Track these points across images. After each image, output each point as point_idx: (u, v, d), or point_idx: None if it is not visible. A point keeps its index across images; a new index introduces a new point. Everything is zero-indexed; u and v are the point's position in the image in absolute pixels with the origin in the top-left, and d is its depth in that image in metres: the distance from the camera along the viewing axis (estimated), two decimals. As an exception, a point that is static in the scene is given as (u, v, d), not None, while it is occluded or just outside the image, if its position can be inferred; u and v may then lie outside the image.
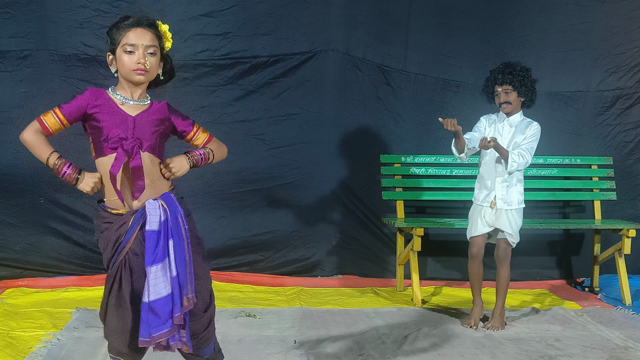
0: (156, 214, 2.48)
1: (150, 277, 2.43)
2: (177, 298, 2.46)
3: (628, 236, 4.98)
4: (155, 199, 2.52)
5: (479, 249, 4.23)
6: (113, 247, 2.49)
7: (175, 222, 2.50)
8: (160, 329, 2.44)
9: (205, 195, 5.27)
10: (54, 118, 2.50)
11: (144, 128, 2.52)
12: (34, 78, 5.07)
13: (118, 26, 2.53)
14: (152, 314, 2.43)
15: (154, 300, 2.43)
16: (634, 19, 5.78)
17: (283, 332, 3.99)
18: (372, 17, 5.52)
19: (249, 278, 5.32)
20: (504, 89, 4.16)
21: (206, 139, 2.72)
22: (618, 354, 3.80)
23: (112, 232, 2.49)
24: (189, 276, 2.51)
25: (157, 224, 2.47)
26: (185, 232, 2.54)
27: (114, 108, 2.50)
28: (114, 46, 2.53)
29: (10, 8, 5.01)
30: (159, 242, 2.46)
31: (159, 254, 2.45)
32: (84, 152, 2.60)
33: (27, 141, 2.50)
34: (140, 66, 2.48)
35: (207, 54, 5.27)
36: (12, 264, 5.08)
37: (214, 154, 2.70)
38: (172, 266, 2.46)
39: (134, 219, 2.49)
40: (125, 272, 2.49)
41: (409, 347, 3.80)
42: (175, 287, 2.46)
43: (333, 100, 5.50)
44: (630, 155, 5.86)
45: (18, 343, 3.63)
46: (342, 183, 5.54)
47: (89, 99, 2.49)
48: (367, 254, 5.62)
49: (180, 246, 2.50)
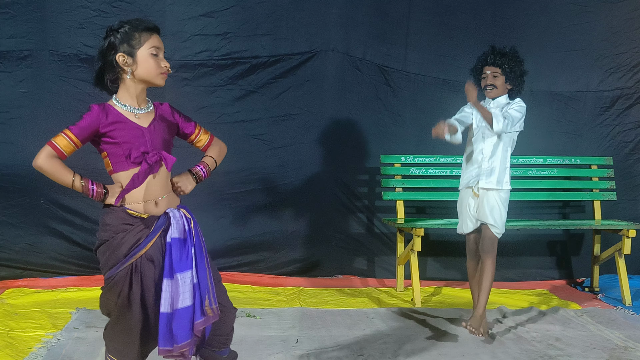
0: (180, 222, 2.48)
1: (180, 284, 2.42)
2: (198, 306, 2.46)
3: (628, 236, 4.98)
4: (175, 208, 2.53)
5: (475, 244, 4.14)
6: (128, 250, 2.44)
7: (197, 233, 2.53)
8: (185, 338, 2.44)
9: (205, 196, 5.26)
10: (65, 140, 2.40)
11: (158, 138, 2.52)
12: (34, 78, 5.07)
13: (139, 27, 2.46)
14: (177, 322, 2.41)
15: (181, 309, 2.42)
16: (634, 19, 5.79)
17: (284, 333, 3.99)
18: (372, 17, 5.52)
19: (248, 278, 5.32)
20: (492, 71, 4.00)
21: (207, 141, 2.72)
22: (618, 354, 3.80)
23: (131, 235, 2.45)
24: (210, 284, 2.51)
25: (183, 232, 2.47)
26: (203, 243, 2.55)
27: (129, 123, 2.47)
28: (132, 48, 2.45)
29: (10, 8, 5.01)
30: (185, 250, 2.46)
31: (186, 262, 2.45)
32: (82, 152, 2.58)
33: (42, 168, 2.39)
34: (166, 69, 2.50)
35: (207, 54, 5.27)
36: (12, 264, 5.08)
37: (217, 160, 2.71)
38: (193, 275, 2.47)
39: (157, 224, 2.47)
40: (136, 276, 2.45)
41: (410, 347, 3.80)
42: (197, 295, 2.46)
43: (333, 100, 5.50)
44: (630, 156, 5.86)
45: (18, 343, 3.63)
46: (342, 183, 5.54)
47: (99, 117, 2.42)
48: (367, 254, 5.62)
49: (201, 255, 2.51)
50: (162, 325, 2.42)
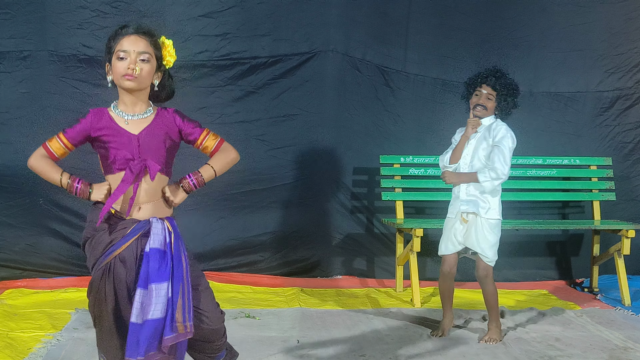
0: (161, 233, 2.47)
1: (153, 295, 2.41)
2: (169, 322, 2.44)
3: (627, 237, 4.97)
4: (160, 218, 2.51)
5: (451, 267, 4.01)
6: (103, 249, 2.47)
7: (177, 247, 2.50)
8: (151, 350, 2.43)
9: (204, 196, 5.26)
10: (58, 143, 2.52)
11: (150, 145, 2.51)
12: (33, 79, 5.07)
13: (114, 35, 2.53)
14: (146, 332, 2.40)
15: (150, 320, 2.40)
16: (634, 19, 5.79)
17: (284, 333, 3.99)
18: (372, 18, 5.52)
19: (248, 279, 5.31)
20: (488, 92, 3.91)
21: (214, 147, 2.65)
22: (617, 354, 3.80)
23: (107, 234, 2.47)
24: (187, 302, 2.48)
25: (162, 244, 2.46)
26: (186, 259, 2.52)
27: (117, 129, 2.49)
28: (110, 55, 2.52)
29: (10, 9, 5.01)
30: (164, 262, 2.45)
31: (163, 274, 2.43)
32: (86, 152, 2.60)
33: (34, 167, 2.53)
34: (129, 71, 2.46)
35: (207, 55, 5.27)
36: (11, 265, 5.08)
37: (217, 169, 2.63)
38: (169, 289, 2.45)
39: (135, 227, 2.47)
40: (109, 279, 2.46)
41: (410, 348, 3.80)
42: (169, 309, 2.44)
43: (332, 100, 5.50)
44: (629, 156, 5.86)
45: (17, 344, 3.63)
46: (341, 184, 5.54)
47: (91, 122, 2.50)
48: (366, 255, 5.62)
49: (179, 270, 2.48)
50: (131, 334, 2.41)
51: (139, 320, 2.40)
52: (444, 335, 4.03)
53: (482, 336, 4.01)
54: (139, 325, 2.40)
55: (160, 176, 2.53)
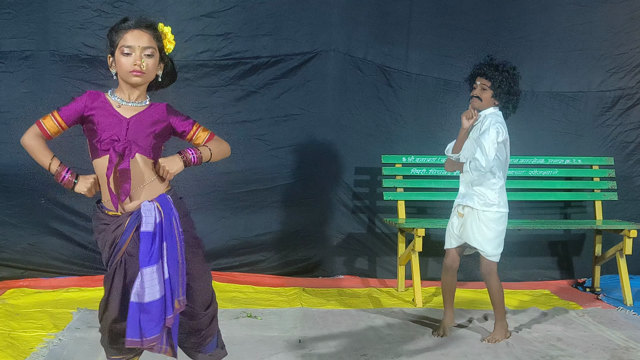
0: (151, 215, 2.49)
1: (146, 279, 2.43)
2: (170, 301, 2.48)
3: (629, 236, 4.97)
4: (151, 200, 2.53)
5: (453, 261, 4.05)
6: (110, 249, 2.52)
7: (169, 225, 2.51)
8: (153, 332, 2.45)
9: (206, 196, 5.27)
10: (52, 121, 2.54)
11: (139, 130, 2.53)
12: (35, 78, 5.08)
13: (116, 29, 2.55)
14: (146, 315, 2.44)
15: (148, 302, 2.44)
16: (636, 19, 5.79)
17: (286, 333, 3.99)
18: (373, 18, 5.52)
19: (250, 278, 5.32)
20: (482, 83, 3.87)
21: (207, 138, 2.69)
22: (619, 354, 3.79)
23: (108, 234, 2.52)
24: (180, 279, 2.52)
25: (152, 226, 2.47)
26: (179, 235, 2.54)
27: (109, 110, 2.53)
28: (113, 48, 2.55)
29: (11, 9, 5.02)
30: (154, 243, 2.47)
31: (154, 256, 2.46)
32: (81, 151, 2.61)
33: (27, 145, 2.56)
34: (137, 68, 2.50)
35: (208, 55, 5.27)
36: (13, 265, 5.08)
37: (212, 152, 2.65)
38: (165, 269, 2.47)
39: (130, 221, 2.51)
40: (120, 272, 2.52)
41: (412, 348, 3.80)
42: (167, 289, 2.47)
43: (334, 100, 5.50)
44: (631, 156, 5.86)
45: (19, 343, 3.63)
46: (343, 183, 5.54)
47: (86, 102, 2.54)
48: (368, 255, 5.62)
49: (174, 249, 2.50)
50: (132, 314, 2.45)
51: (138, 300, 2.44)
52: (445, 335, 4.04)
53: (486, 336, 4.01)
54: (139, 305, 2.44)
55: (147, 160, 2.55)
